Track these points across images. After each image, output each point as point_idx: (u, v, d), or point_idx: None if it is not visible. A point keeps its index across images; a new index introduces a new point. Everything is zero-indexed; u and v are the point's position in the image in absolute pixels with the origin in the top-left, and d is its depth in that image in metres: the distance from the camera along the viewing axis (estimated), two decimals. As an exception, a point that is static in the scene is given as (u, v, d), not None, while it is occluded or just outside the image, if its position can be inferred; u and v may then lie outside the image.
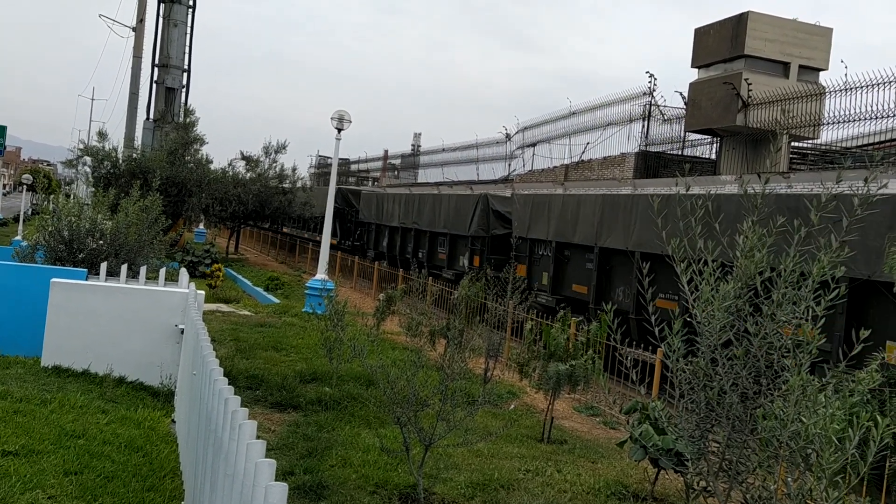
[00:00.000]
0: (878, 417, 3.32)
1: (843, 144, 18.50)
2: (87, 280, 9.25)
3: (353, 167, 53.75)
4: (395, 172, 47.99)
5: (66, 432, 6.26)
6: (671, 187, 14.79)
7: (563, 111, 28.31)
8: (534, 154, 30.31)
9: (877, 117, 16.00)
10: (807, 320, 3.79)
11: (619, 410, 9.44)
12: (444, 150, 39.74)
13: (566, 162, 26.98)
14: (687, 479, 5.00)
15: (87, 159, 28.51)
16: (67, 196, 25.50)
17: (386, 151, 51.20)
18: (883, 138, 16.93)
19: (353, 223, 30.06)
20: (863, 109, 16.22)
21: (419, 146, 52.44)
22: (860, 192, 3.87)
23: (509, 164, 32.66)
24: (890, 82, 15.51)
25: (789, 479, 3.64)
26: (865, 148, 17.56)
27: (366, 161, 52.91)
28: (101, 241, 11.56)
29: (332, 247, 28.30)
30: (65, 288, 8.47)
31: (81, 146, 30.23)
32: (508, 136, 32.96)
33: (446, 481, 6.54)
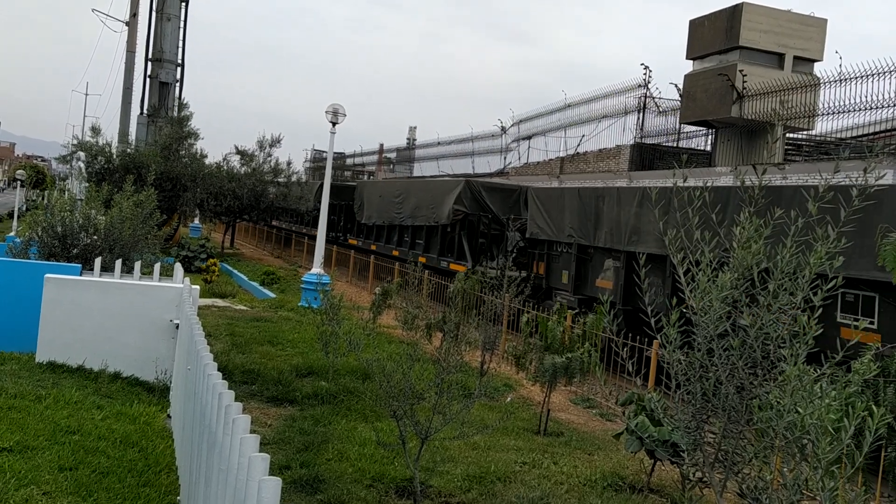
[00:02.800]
0: (874, 407, 3.31)
1: (839, 135, 18.52)
2: (81, 275, 9.22)
3: (349, 161, 53.63)
4: (391, 166, 47.91)
5: (60, 428, 6.24)
6: (667, 179, 14.77)
7: (558, 104, 28.29)
8: (529, 147, 30.29)
9: (872, 108, 16.00)
10: (803, 311, 3.78)
11: (616, 402, 9.45)
12: (439, 143, 39.69)
13: (561, 154, 26.97)
14: (683, 470, 5.00)
15: (81, 154, 28.44)
16: (61, 191, 25.44)
17: (381, 145, 51.11)
18: (878, 128, 16.94)
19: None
20: (858, 100, 16.23)
21: (414, 140, 52.34)
22: (858, 182, 3.86)
23: (505, 157, 32.64)
24: (885, 73, 15.51)
25: (785, 469, 3.63)
26: (860, 138, 17.58)
27: (361, 155, 52.80)
28: (95, 237, 11.51)
29: (341, 243, 27.67)
30: (59, 283, 8.43)
31: (75, 141, 30.14)
32: (504, 129, 32.92)
33: (443, 474, 6.54)
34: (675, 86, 22.00)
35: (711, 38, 20.06)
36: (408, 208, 22.34)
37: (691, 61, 21.00)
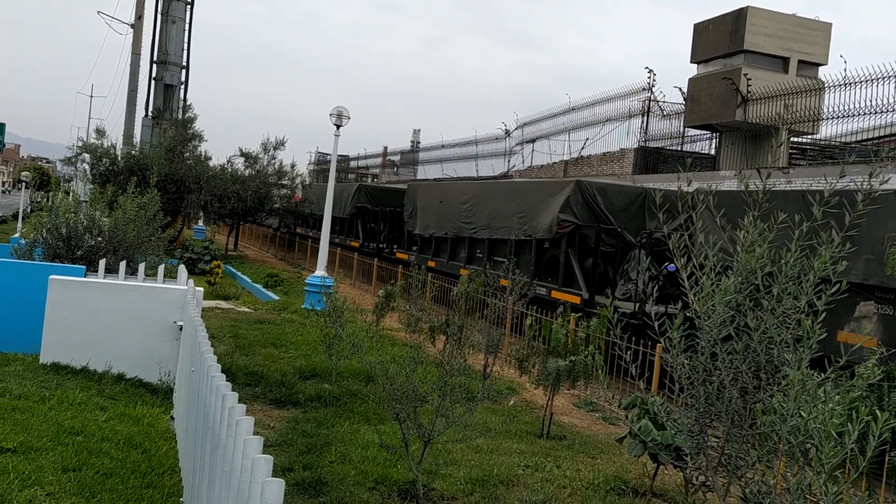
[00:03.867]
0: (878, 412, 3.31)
1: (843, 139, 18.49)
2: (85, 277, 9.24)
3: (353, 164, 53.73)
4: (395, 169, 47.98)
5: (64, 429, 6.25)
6: (671, 183, 14.73)
7: (562, 107, 28.32)
8: (533, 150, 30.31)
9: (876, 112, 15.99)
10: (807, 315, 3.78)
11: (619, 406, 9.44)
12: (443, 146, 39.74)
13: (565, 158, 26.98)
14: (686, 474, 4.99)
15: (86, 156, 28.50)
16: (66, 193, 25.50)
17: (385, 148, 51.21)
18: (883, 133, 16.92)
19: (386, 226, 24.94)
20: (862, 104, 16.22)
21: (418, 143, 52.41)
22: (863, 186, 3.86)
23: (509, 160, 32.67)
24: (889, 77, 15.49)
25: (788, 473, 3.63)
26: (865, 143, 17.55)
27: (365, 157, 52.91)
28: (100, 238, 11.54)
29: (358, 250, 24.79)
30: (63, 285, 8.45)
31: (80, 143, 30.21)
32: (508, 133, 32.95)
33: (445, 477, 6.53)
34: (680, 89, 22.02)
35: (716, 41, 20.07)
36: (482, 217, 17.67)
37: (696, 65, 21.00)
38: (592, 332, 9.84)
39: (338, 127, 17.45)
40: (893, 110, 15.64)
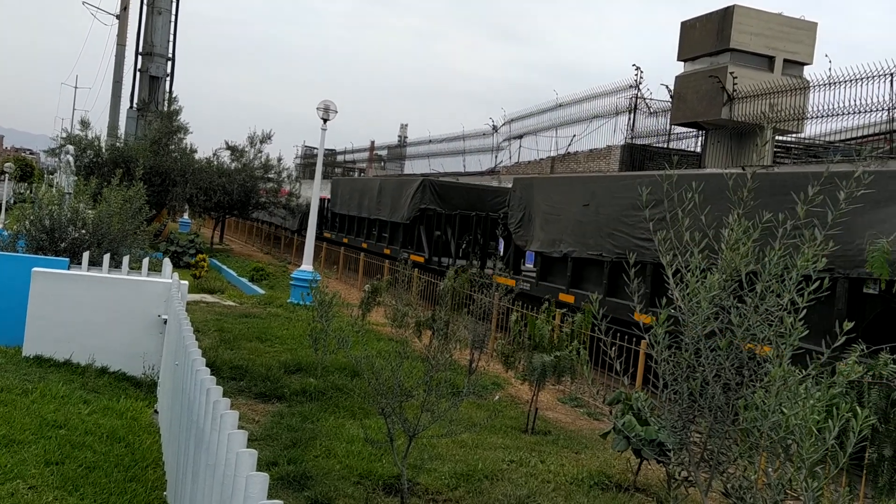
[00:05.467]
0: (858, 409, 3.35)
1: (827, 138, 18.64)
2: (69, 269, 9.17)
3: (340, 158, 53.55)
4: (382, 164, 47.88)
5: (47, 422, 6.22)
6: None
7: (549, 103, 28.34)
8: (520, 146, 30.33)
9: (860, 111, 16.13)
10: (789, 312, 3.81)
11: (603, 401, 9.49)
12: (430, 141, 39.68)
13: (552, 154, 27.03)
14: (669, 469, 5.03)
15: (70, 148, 28.27)
16: (50, 185, 25.28)
17: (372, 142, 51.05)
18: (866, 132, 17.07)
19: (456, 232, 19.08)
20: (847, 104, 16.35)
21: (406, 137, 52.32)
22: (846, 184, 3.89)
23: (496, 156, 32.67)
24: (873, 77, 15.63)
25: (770, 469, 3.66)
26: (849, 142, 17.71)
27: (352, 152, 52.73)
28: (84, 231, 11.46)
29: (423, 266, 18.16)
30: (46, 277, 8.39)
31: (64, 135, 29.95)
32: (495, 128, 32.95)
33: (430, 472, 6.55)
34: (666, 87, 22.10)
35: (702, 40, 20.16)
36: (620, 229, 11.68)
37: (682, 63, 21.08)
38: (577, 327, 9.88)
39: (325, 121, 17.39)
40: (877, 110, 15.78)
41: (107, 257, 9.34)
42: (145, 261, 9.54)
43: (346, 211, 26.06)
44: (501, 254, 16.20)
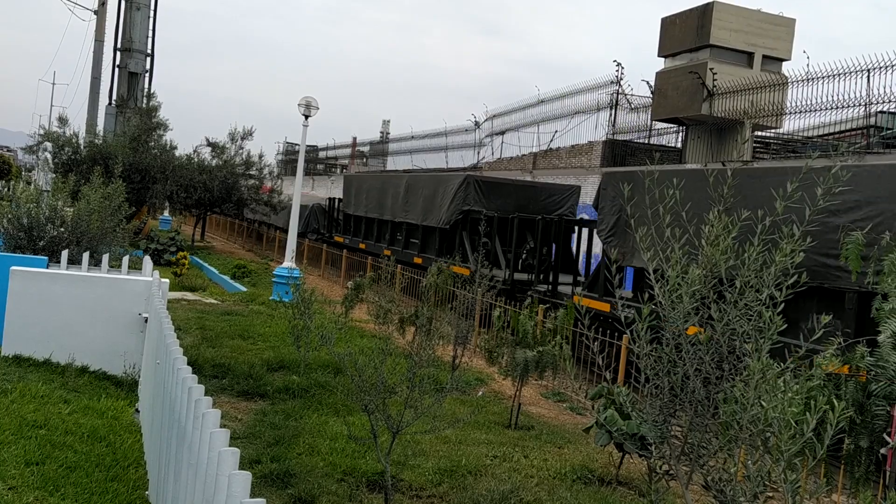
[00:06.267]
0: (835, 401, 3.40)
1: (805, 134, 18.83)
2: (47, 268, 9.08)
3: (322, 154, 53.35)
4: (364, 160, 47.76)
5: (27, 422, 6.16)
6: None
7: (531, 99, 28.40)
8: (503, 142, 30.37)
9: (838, 107, 16.30)
10: (767, 307, 3.86)
11: (586, 396, 9.55)
12: (412, 137, 39.64)
13: (534, 150, 27.09)
14: (650, 463, 5.08)
15: (48, 145, 27.93)
16: (27, 183, 24.98)
17: (354, 139, 50.91)
18: (844, 128, 17.27)
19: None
20: (825, 99, 16.53)
21: (388, 133, 52.21)
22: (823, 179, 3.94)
23: (478, 152, 32.70)
24: (850, 73, 15.80)
25: (749, 461, 3.71)
26: (827, 137, 17.90)
27: (334, 148, 52.54)
28: (63, 229, 11.34)
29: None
30: (25, 276, 8.30)
31: (42, 132, 29.59)
32: (477, 124, 32.97)
33: (414, 468, 6.56)
34: (647, 83, 22.21)
35: (683, 36, 20.28)
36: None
37: (663, 59, 21.20)
38: (559, 322, 9.93)
39: (306, 117, 17.33)
40: (854, 105, 15.96)
41: (86, 256, 9.25)
42: (125, 259, 9.46)
43: (363, 212, 22.88)
44: (553, 262, 14.40)
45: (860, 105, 15.87)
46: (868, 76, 15.51)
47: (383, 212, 21.24)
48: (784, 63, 19.96)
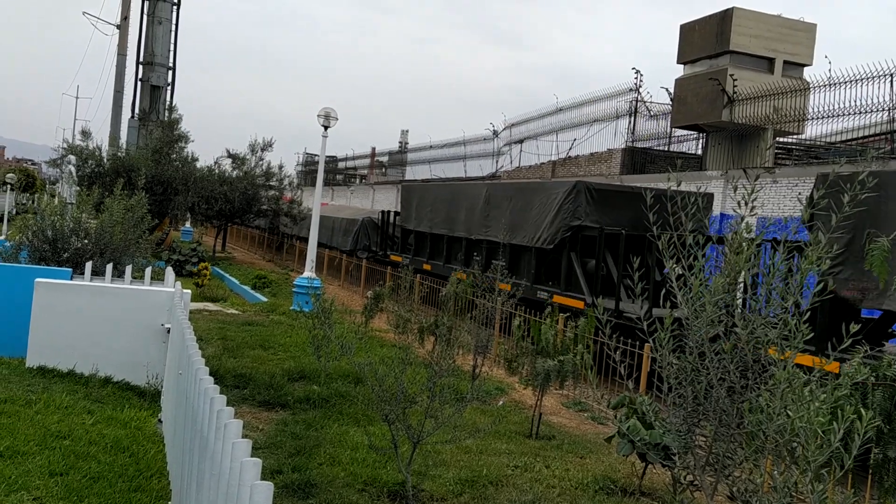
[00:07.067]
0: (862, 411, 3.34)
1: (828, 139, 18.64)
2: (71, 280, 9.18)
3: (341, 164, 53.63)
4: (383, 170, 47.94)
5: (51, 433, 6.21)
6: (658, 183, 14.67)
7: (549, 107, 28.39)
8: (521, 150, 30.36)
9: (861, 112, 16.13)
10: (793, 315, 3.81)
11: (607, 405, 9.47)
12: (431, 147, 39.74)
13: (553, 158, 27.05)
14: (674, 473, 5.02)
15: (72, 158, 28.31)
16: (52, 195, 25.32)
17: (373, 149, 51.14)
18: (867, 133, 17.07)
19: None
20: (847, 104, 16.36)
21: (407, 143, 52.39)
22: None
23: (497, 161, 32.71)
24: (873, 77, 15.63)
25: (775, 472, 3.65)
26: (850, 142, 17.70)
27: (353, 158, 52.82)
28: (86, 241, 11.47)
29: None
30: (49, 288, 8.40)
31: (65, 145, 30.01)
32: (496, 133, 32.99)
33: (435, 478, 6.54)
34: (667, 90, 22.13)
35: (702, 42, 20.19)
36: None
37: (682, 66, 21.11)
38: (581, 331, 9.87)
39: (325, 128, 17.42)
40: (877, 110, 15.78)
41: (109, 267, 9.35)
42: (148, 270, 9.54)
43: (426, 228, 19.52)
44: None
45: (883, 110, 15.68)
46: (891, 81, 15.34)
47: (454, 227, 18.00)
48: (805, 68, 19.79)
